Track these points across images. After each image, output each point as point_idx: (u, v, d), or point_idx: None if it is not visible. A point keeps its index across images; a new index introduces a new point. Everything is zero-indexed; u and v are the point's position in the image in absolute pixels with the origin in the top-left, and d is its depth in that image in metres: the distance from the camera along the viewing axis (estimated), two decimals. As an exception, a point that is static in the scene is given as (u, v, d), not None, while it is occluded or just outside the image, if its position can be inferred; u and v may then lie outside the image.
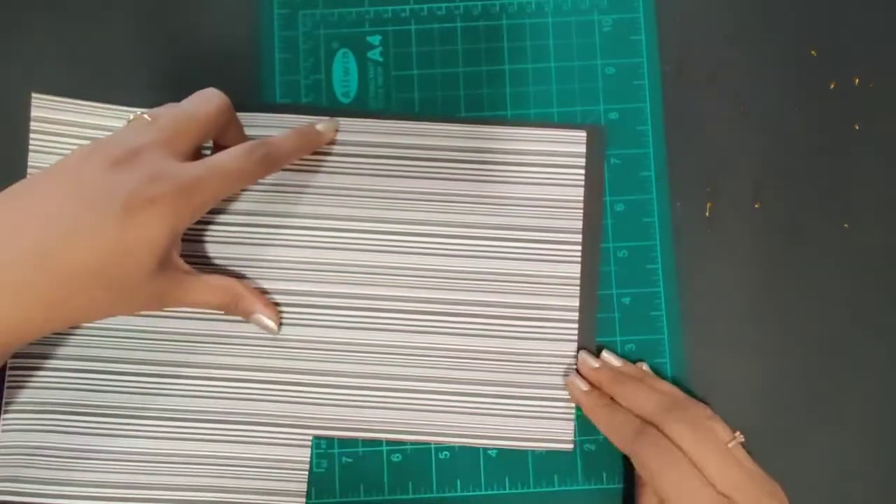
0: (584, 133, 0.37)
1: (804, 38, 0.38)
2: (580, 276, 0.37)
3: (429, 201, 0.37)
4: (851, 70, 0.38)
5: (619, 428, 0.34)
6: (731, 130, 0.38)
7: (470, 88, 0.38)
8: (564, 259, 0.37)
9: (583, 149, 0.37)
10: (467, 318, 0.37)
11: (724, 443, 0.33)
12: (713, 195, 0.38)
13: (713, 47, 0.38)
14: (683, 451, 0.32)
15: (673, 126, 0.38)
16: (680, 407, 0.34)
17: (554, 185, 0.37)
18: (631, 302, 0.37)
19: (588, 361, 0.36)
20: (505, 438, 0.36)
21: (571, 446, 0.36)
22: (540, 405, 0.36)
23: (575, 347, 0.37)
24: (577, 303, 0.37)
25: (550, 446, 0.36)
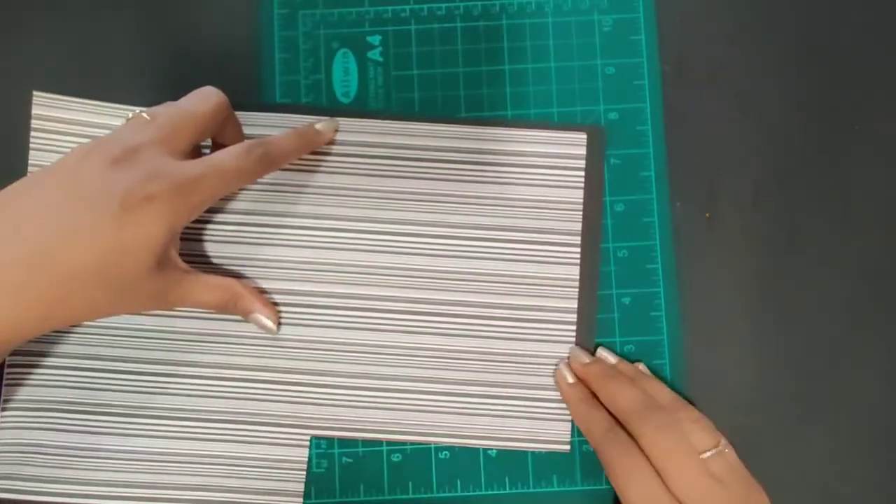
0: (584, 135, 0.37)
1: (804, 38, 0.38)
2: (579, 278, 0.37)
3: (428, 202, 0.37)
4: (851, 70, 0.38)
5: (592, 424, 0.34)
6: (731, 130, 0.38)
7: (470, 88, 0.38)
8: (563, 261, 0.37)
9: (583, 150, 0.37)
10: (466, 320, 0.37)
11: (698, 451, 0.32)
12: (713, 195, 0.38)
13: (713, 47, 0.38)
14: (651, 458, 0.32)
15: (673, 126, 0.38)
16: (658, 410, 0.33)
17: (553, 187, 0.37)
18: (631, 302, 0.37)
19: (579, 356, 0.36)
20: (503, 439, 0.36)
21: (568, 447, 0.36)
22: (538, 406, 0.36)
23: (573, 344, 0.37)
24: (576, 305, 0.37)
25: (547, 447, 0.36)
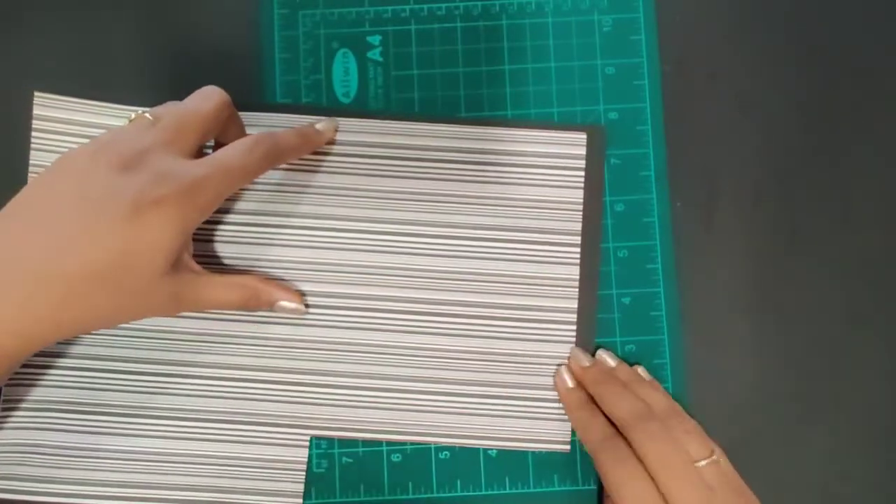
0: (584, 135, 0.37)
1: (804, 38, 0.38)
2: (579, 278, 0.37)
3: (428, 202, 0.37)
4: (851, 70, 0.38)
5: (589, 431, 0.34)
6: (731, 130, 0.38)
7: (470, 88, 0.38)
8: (563, 261, 0.37)
9: (583, 150, 0.37)
10: (466, 319, 0.37)
11: (693, 460, 0.32)
12: (713, 195, 0.38)
13: (713, 47, 0.38)
14: (645, 465, 0.32)
15: (673, 126, 0.38)
16: (653, 419, 0.33)
17: (553, 187, 0.37)
18: (631, 302, 0.37)
19: (579, 358, 0.36)
20: (503, 439, 0.36)
21: (568, 447, 0.36)
22: (538, 406, 0.36)
23: (572, 346, 0.37)
24: (576, 305, 0.37)
25: (547, 447, 0.36)
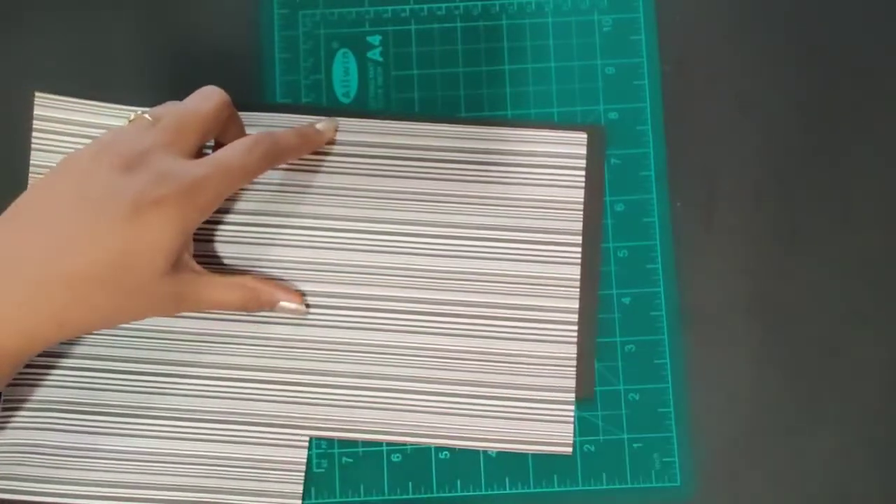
0: (585, 135, 0.37)
1: (804, 38, 0.38)
2: (580, 278, 0.37)
3: (428, 202, 0.37)
4: (851, 70, 0.38)
5: None
6: (731, 130, 0.38)
7: (470, 88, 0.38)
8: (564, 261, 0.37)
9: (583, 150, 0.37)
10: (466, 319, 0.36)
11: None
12: (713, 195, 0.38)
13: (713, 47, 0.38)
14: None
15: (673, 126, 0.38)
16: None
17: (554, 187, 0.37)
18: (631, 302, 0.37)
19: None
20: (504, 441, 0.36)
21: (570, 450, 0.36)
22: (539, 408, 0.36)
23: (574, 349, 0.36)
24: (577, 305, 0.37)
25: (549, 449, 0.36)
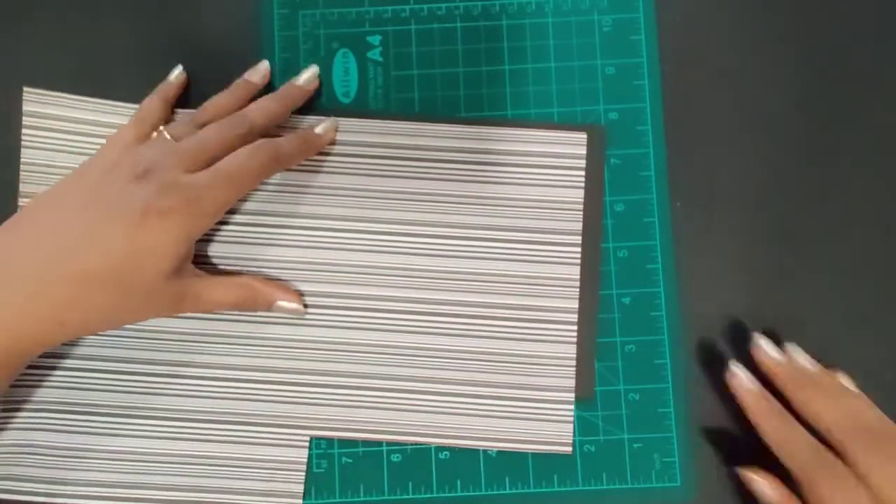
0: (585, 135, 0.37)
1: (804, 38, 0.38)
2: (580, 278, 0.37)
3: (428, 202, 0.37)
4: (851, 70, 0.38)
5: (794, 446, 0.30)
6: (731, 130, 0.38)
7: (470, 88, 0.38)
8: (564, 261, 0.37)
9: (583, 150, 0.37)
10: (466, 320, 0.37)
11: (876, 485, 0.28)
12: (713, 195, 0.38)
13: (713, 47, 0.38)
14: (870, 488, 0.28)
15: (673, 126, 0.38)
16: (874, 434, 0.29)
17: (554, 187, 0.37)
18: (631, 302, 0.37)
19: (769, 351, 0.32)
20: (503, 440, 0.36)
21: (570, 449, 0.36)
22: (539, 407, 0.36)
23: (574, 349, 0.37)
24: (577, 305, 0.37)
25: (549, 449, 0.36)
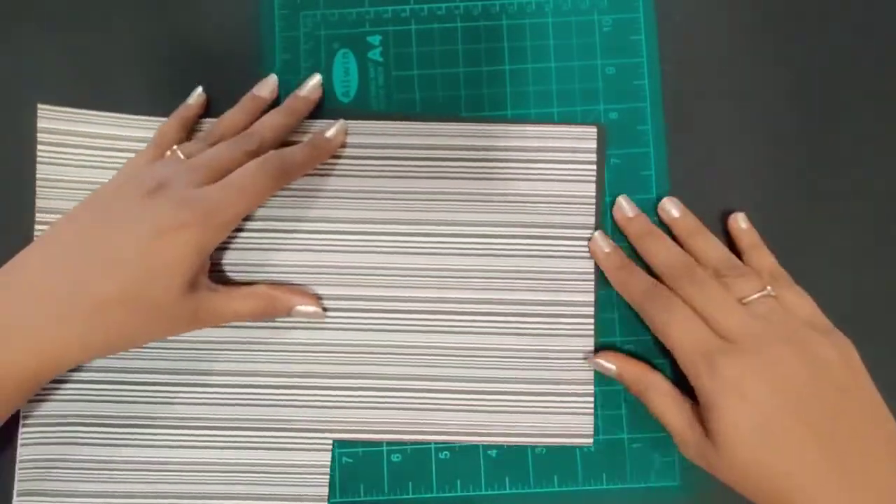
0: (595, 129, 0.37)
1: (804, 38, 0.38)
2: (594, 272, 0.37)
3: (441, 201, 0.37)
4: (852, 70, 0.38)
5: (630, 285, 0.35)
6: (731, 130, 0.38)
7: (470, 88, 0.38)
8: (579, 255, 0.37)
9: (593, 144, 0.37)
10: (484, 317, 0.36)
11: (739, 298, 0.33)
12: (713, 195, 0.38)
13: (713, 47, 0.38)
14: (693, 308, 0.33)
15: (673, 126, 0.38)
16: (698, 267, 0.34)
17: (566, 181, 0.37)
18: (625, 300, 0.37)
19: (624, 209, 0.37)
20: (524, 435, 0.36)
21: (591, 441, 0.36)
22: (559, 401, 0.36)
23: (592, 343, 0.37)
24: (593, 298, 0.37)
25: (570, 441, 0.36)
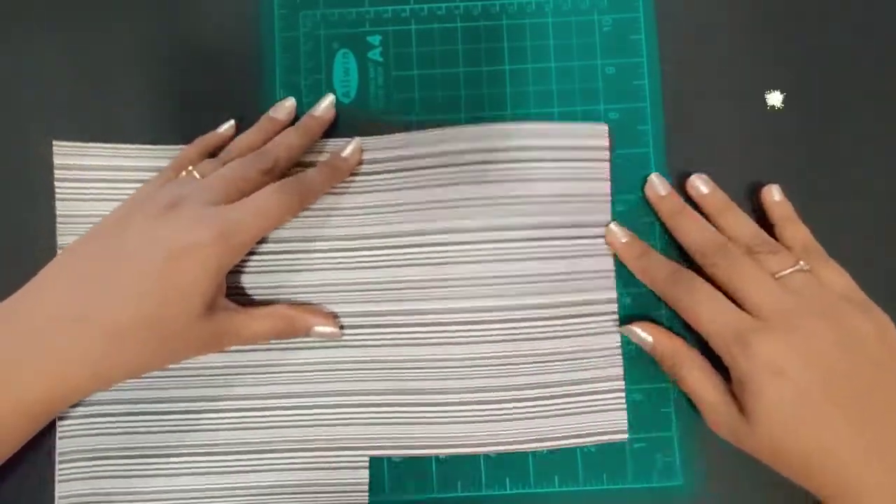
0: (606, 126, 0.37)
1: (804, 38, 0.38)
2: (613, 268, 0.37)
3: (456, 208, 0.36)
4: (852, 70, 0.38)
5: (653, 271, 0.35)
6: (731, 130, 0.38)
7: (470, 88, 0.38)
8: (598, 253, 0.37)
9: (605, 142, 0.37)
10: (511, 324, 0.36)
11: (772, 273, 0.33)
12: (714, 195, 0.38)
13: (713, 47, 0.38)
14: (721, 285, 0.33)
15: (673, 126, 0.38)
16: (730, 245, 0.34)
17: (581, 180, 0.37)
18: (632, 301, 0.37)
19: (656, 186, 0.36)
20: (561, 439, 0.36)
21: (626, 436, 0.36)
22: (591, 399, 0.36)
23: (618, 339, 0.36)
24: (615, 294, 0.36)
25: (605, 439, 0.36)
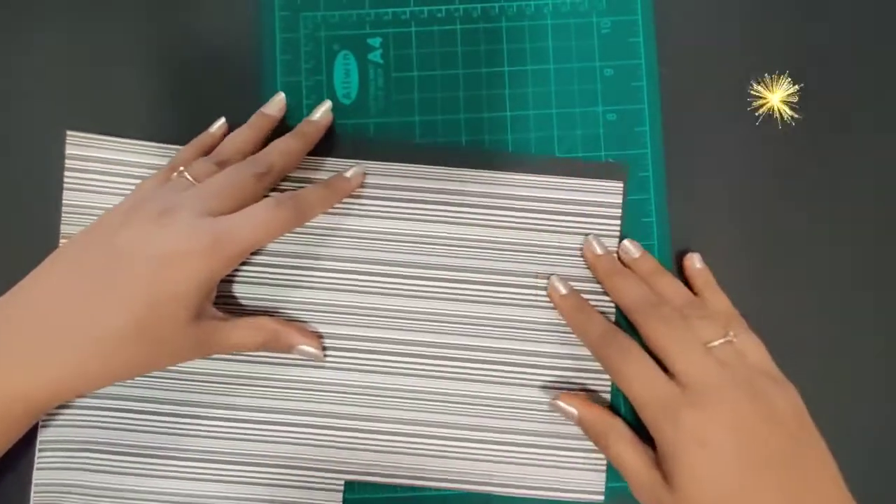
0: (621, 184, 0.37)
1: (804, 39, 0.39)
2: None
3: (456, 247, 0.37)
4: (852, 70, 0.38)
5: (588, 328, 0.35)
6: (730, 131, 0.38)
7: (470, 90, 0.38)
8: (600, 309, 0.36)
9: (619, 199, 0.37)
10: (491, 366, 0.36)
11: (704, 342, 0.33)
12: (712, 195, 0.38)
13: (711, 49, 0.38)
14: (652, 348, 0.33)
15: (672, 127, 0.38)
16: (663, 305, 0.34)
17: (588, 236, 0.37)
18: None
19: (593, 246, 0.36)
20: (535, 488, 0.36)
21: (602, 497, 0.36)
22: (570, 455, 0.36)
23: (608, 399, 0.36)
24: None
25: (580, 497, 0.36)
